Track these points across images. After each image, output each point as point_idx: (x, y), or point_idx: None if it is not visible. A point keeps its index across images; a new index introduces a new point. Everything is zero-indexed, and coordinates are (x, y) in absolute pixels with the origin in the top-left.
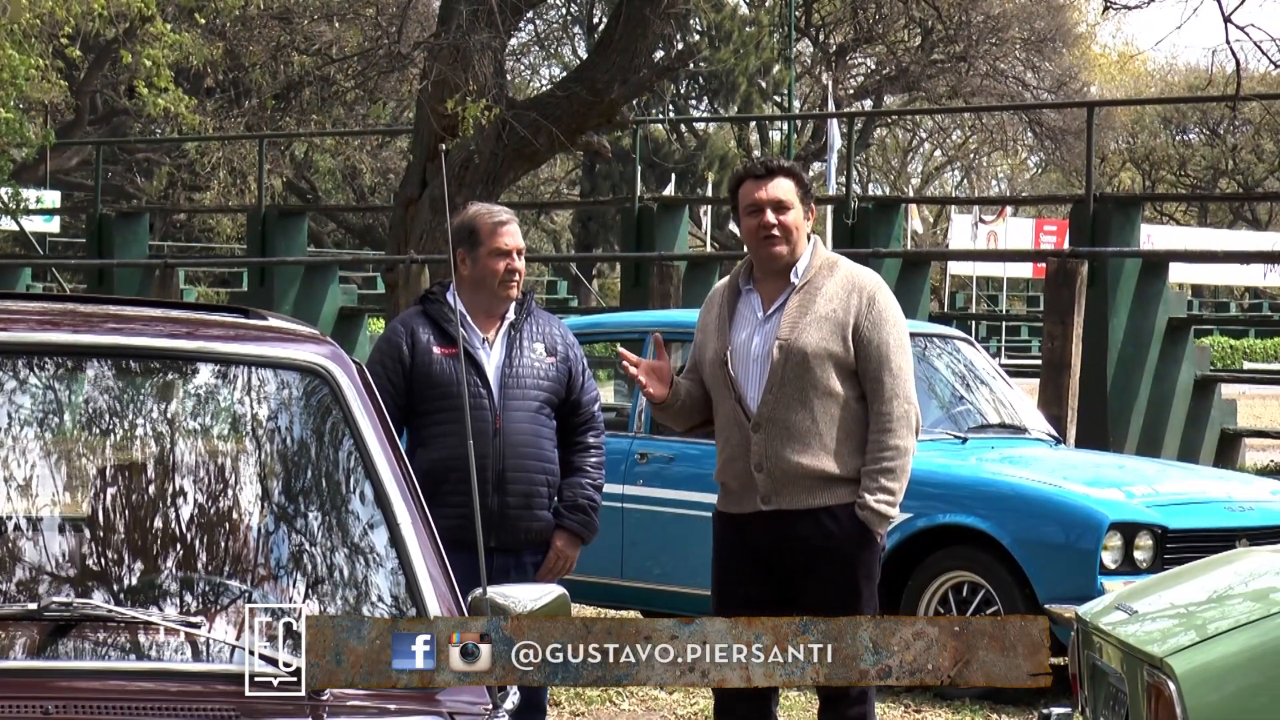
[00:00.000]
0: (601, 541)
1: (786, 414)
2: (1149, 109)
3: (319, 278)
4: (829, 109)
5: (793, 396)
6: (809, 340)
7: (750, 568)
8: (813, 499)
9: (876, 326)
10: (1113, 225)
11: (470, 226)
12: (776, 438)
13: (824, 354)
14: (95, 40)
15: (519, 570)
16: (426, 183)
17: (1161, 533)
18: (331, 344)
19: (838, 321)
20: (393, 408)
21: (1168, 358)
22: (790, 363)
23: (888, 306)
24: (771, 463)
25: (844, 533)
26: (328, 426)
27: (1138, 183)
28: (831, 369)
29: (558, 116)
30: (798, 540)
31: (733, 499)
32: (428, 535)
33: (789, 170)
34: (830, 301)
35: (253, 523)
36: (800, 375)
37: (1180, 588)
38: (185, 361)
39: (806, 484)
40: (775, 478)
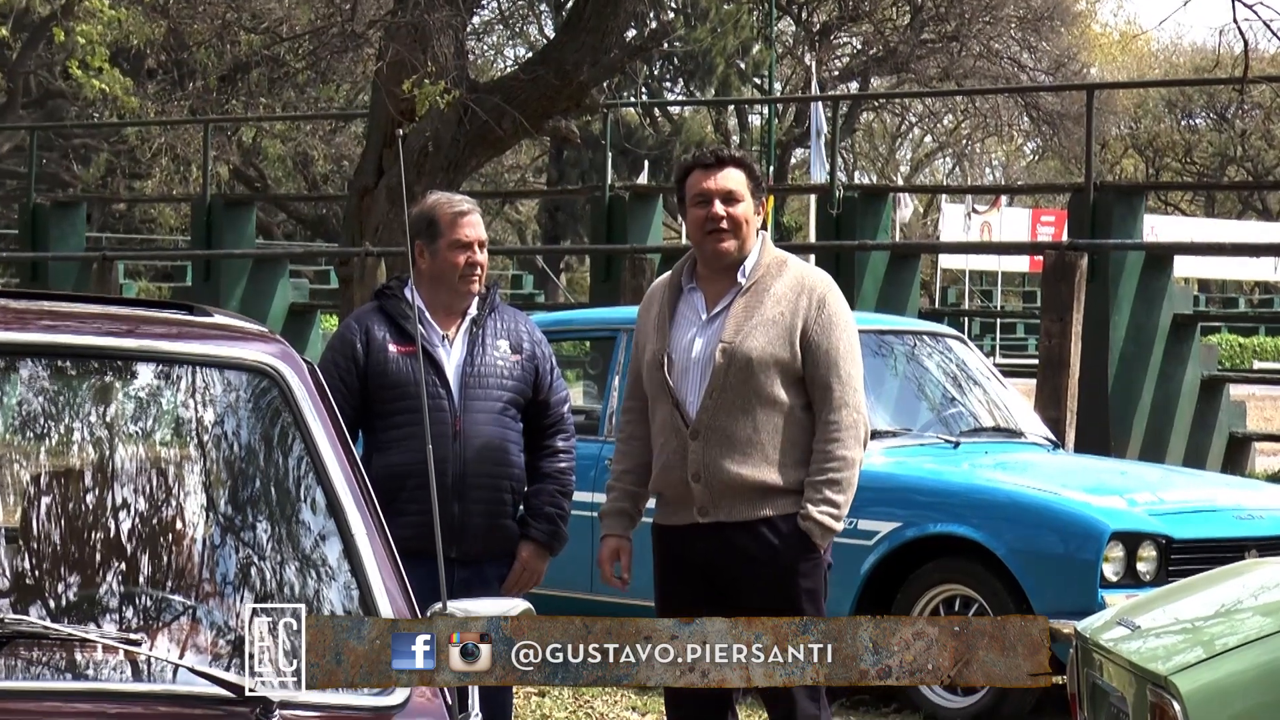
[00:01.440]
0: (570, 553)
1: (727, 422)
2: (1152, 92)
3: (268, 272)
4: (812, 92)
5: (735, 404)
6: (754, 345)
7: (691, 580)
8: (753, 510)
9: (826, 331)
10: (1114, 216)
11: (429, 217)
12: (716, 446)
13: (770, 360)
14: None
15: (481, 583)
16: (383, 170)
17: (1166, 543)
18: (281, 342)
19: (785, 325)
20: (347, 410)
21: (1172, 357)
22: (733, 368)
23: (838, 310)
24: (710, 473)
25: (785, 543)
26: (277, 430)
27: (1140, 171)
28: (777, 376)
29: (523, 100)
30: (736, 551)
31: (669, 510)
32: (383, 546)
33: (740, 160)
34: (778, 304)
35: (197, 534)
36: (744, 382)
37: (1186, 601)
38: (125, 361)
39: (746, 496)
40: (713, 489)
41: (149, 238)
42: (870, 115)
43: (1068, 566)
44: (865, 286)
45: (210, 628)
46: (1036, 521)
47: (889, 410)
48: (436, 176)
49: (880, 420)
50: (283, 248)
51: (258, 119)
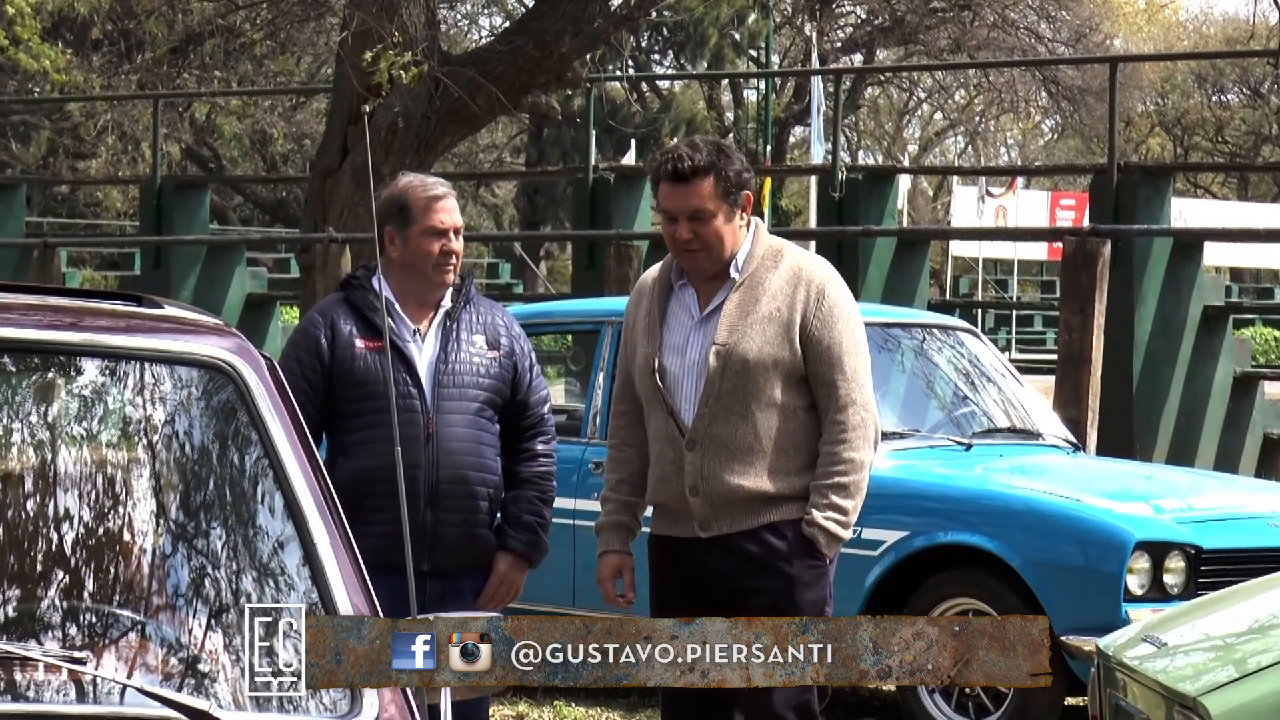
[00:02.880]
0: (550, 565)
1: (725, 430)
2: (1181, 65)
3: (223, 260)
4: (813, 65)
5: (732, 410)
6: (750, 346)
7: (690, 593)
8: (755, 518)
9: (827, 325)
10: (1139, 199)
11: (400, 201)
12: (714, 457)
13: (768, 361)
14: None
15: (456, 597)
16: (348, 150)
17: (1195, 553)
18: (238, 336)
19: (783, 322)
20: (309, 410)
21: (1203, 352)
22: (729, 372)
23: (840, 301)
24: (709, 486)
25: (790, 548)
26: (233, 432)
27: (1168, 150)
28: (777, 377)
29: (499, 73)
30: (739, 559)
31: (667, 522)
32: (349, 557)
33: (708, 168)
34: (774, 299)
35: (146, 544)
36: (741, 386)
37: (1216, 616)
38: (68, 357)
39: (748, 506)
40: (713, 502)
41: (94, 223)
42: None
43: (1089, 579)
44: (870, 276)
45: (161, 644)
46: (1055, 530)
47: (896, 410)
48: (406, 156)
49: (887, 421)
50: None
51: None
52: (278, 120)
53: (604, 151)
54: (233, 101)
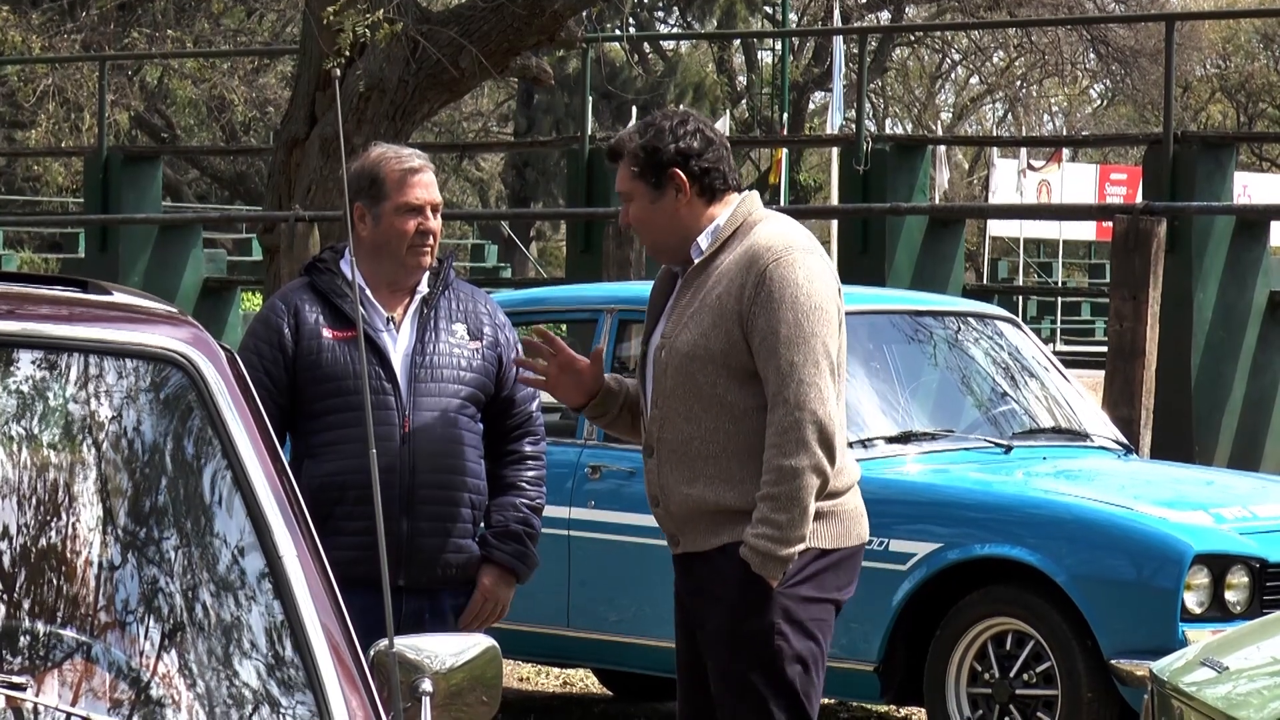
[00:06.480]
0: (541, 579)
1: (673, 434)
2: (1245, 24)
3: (177, 240)
4: (834, 23)
5: (678, 411)
6: (685, 338)
7: (682, 609)
8: (713, 538)
9: (764, 310)
10: (1198, 173)
11: (371, 174)
12: (667, 464)
13: (701, 354)
14: None
15: (436, 616)
16: (316, 118)
17: (1260, 567)
18: (194, 326)
19: (722, 310)
20: (272, 408)
21: (1269, 343)
22: (670, 368)
23: (784, 282)
24: (666, 496)
25: (735, 573)
26: (189, 431)
27: (1230, 119)
28: (720, 373)
29: (485, 33)
30: (694, 582)
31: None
32: (317, 571)
33: (621, 150)
34: (720, 283)
35: (92, 555)
36: (682, 384)
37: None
38: (4, 348)
39: (705, 521)
40: (672, 514)
41: (33, 199)
42: (905, 51)
43: (1141, 596)
44: (899, 258)
45: (108, 667)
46: (1104, 542)
47: (927, 408)
48: (380, 125)
49: (917, 420)
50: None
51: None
52: (238, 85)
53: (601, 120)
54: (188, 64)
